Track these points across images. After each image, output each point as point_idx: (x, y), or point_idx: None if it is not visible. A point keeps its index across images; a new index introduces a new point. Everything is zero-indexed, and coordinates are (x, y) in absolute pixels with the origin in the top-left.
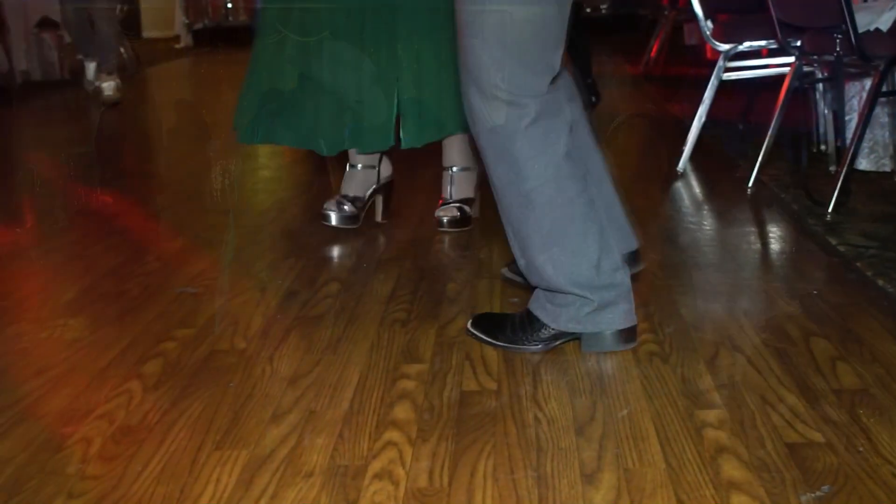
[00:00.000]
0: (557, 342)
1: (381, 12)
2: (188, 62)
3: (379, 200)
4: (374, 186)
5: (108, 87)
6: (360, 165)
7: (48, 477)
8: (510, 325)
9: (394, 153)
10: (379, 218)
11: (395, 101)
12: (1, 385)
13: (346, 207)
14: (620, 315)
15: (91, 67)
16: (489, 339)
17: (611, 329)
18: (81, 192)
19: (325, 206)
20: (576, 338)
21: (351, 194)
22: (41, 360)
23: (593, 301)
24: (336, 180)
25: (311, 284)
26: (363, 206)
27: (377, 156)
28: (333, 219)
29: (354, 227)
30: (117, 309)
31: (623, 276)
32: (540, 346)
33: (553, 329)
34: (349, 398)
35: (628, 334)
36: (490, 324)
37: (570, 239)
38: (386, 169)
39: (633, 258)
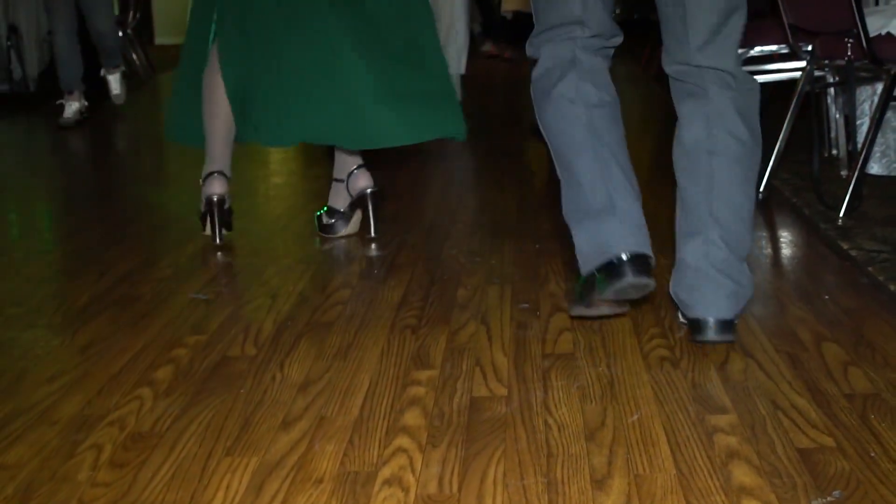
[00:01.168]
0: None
1: None
2: None
3: (360, 214)
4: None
5: (114, 80)
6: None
7: (59, 483)
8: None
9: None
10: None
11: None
12: (14, 391)
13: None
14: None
15: (72, 107)
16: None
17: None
18: (96, 197)
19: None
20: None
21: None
22: (54, 366)
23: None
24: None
25: (322, 290)
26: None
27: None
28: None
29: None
30: (130, 314)
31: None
32: (582, 306)
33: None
34: (359, 404)
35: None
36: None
37: (567, 173)
38: (363, 181)
39: None
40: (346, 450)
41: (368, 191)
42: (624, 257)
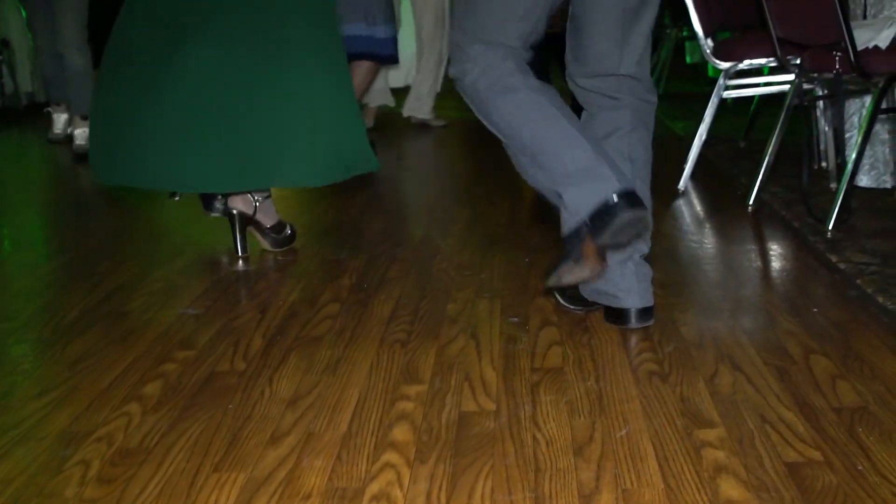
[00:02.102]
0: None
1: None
2: None
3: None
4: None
5: (81, 134)
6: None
7: (47, 500)
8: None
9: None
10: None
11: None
12: (3, 407)
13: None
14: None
15: (61, 119)
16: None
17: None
18: (87, 211)
19: None
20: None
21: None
22: (43, 382)
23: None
24: (337, 201)
25: (312, 305)
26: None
27: None
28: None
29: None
30: (120, 329)
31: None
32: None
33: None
34: (348, 420)
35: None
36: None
37: (551, 146)
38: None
39: None
40: (334, 465)
41: (235, 211)
42: (615, 197)
